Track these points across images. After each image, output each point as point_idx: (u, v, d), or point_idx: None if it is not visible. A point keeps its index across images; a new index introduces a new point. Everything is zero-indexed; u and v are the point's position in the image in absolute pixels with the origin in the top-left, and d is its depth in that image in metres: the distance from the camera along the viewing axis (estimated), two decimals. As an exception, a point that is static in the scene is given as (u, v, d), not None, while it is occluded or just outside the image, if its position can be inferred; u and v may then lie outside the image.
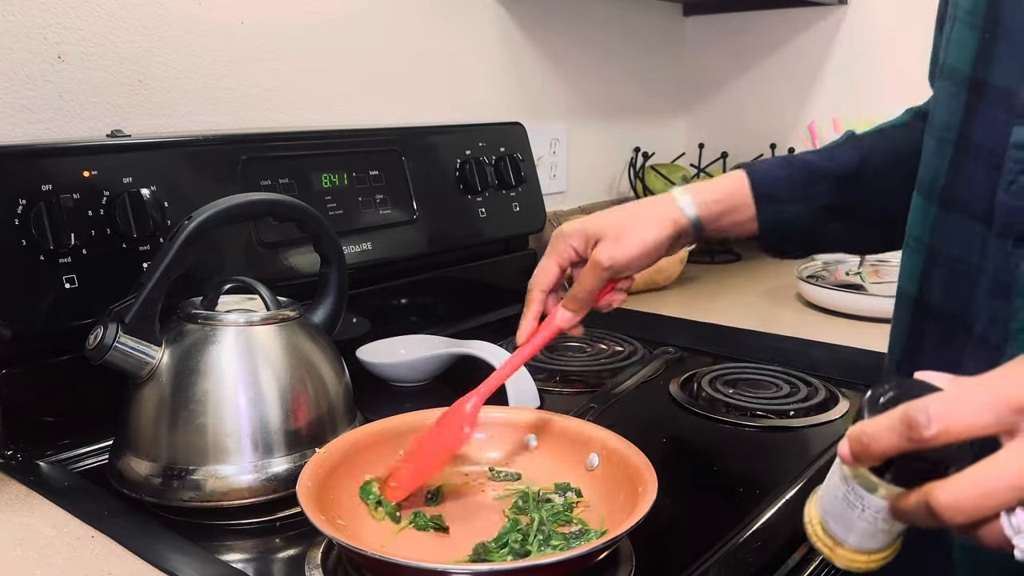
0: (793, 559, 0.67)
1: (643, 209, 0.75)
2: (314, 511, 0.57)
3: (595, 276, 0.72)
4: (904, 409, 0.40)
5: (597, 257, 0.72)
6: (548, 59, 1.48)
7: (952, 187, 0.60)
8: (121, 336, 0.67)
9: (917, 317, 0.64)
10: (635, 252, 0.72)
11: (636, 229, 0.73)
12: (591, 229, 0.74)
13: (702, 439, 0.86)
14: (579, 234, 0.74)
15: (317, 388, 0.73)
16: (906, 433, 0.39)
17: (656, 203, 0.76)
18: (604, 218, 0.75)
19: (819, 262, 1.47)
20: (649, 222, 0.73)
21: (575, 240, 0.75)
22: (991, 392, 0.39)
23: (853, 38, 1.65)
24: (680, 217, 0.74)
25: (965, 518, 0.38)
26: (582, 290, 0.73)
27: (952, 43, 0.61)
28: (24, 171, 0.75)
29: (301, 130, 1.04)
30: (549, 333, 0.74)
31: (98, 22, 0.90)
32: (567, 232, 0.75)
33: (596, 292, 0.73)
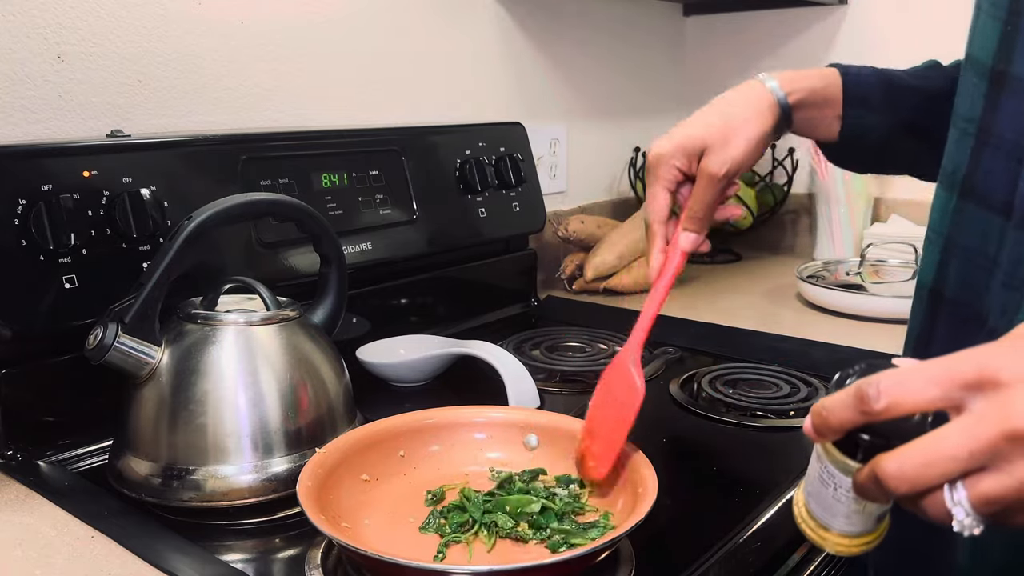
0: (793, 559, 0.67)
1: (737, 103, 0.72)
2: (314, 511, 0.57)
3: (711, 187, 0.69)
4: (858, 384, 0.41)
5: (709, 168, 0.69)
6: (548, 59, 1.48)
7: (972, 178, 0.60)
8: (121, 336, 0.67)
9: (932, 307, 0.64)
10: (746, 151, 0.69)
11: (740, 128, 0.70)
12: (691, 143, 0.70)
13: (702, 439, 0.86)
14: (679, 151, 0.70)
15: (317, 388, 0.73)
16: (858, 406, 0.41)
17: (746, 94, 0.72)
18: (699, 127, 0.71)
19: (819, 262, 1.48)
20: (750, 116, 0.70)
21: (677, 159, 0.70)
22: (941, 369, 0.40)
23: (853, 38, 1.65)
24: (775, 104, 0.72)
25: (909, 487, 0.39)
26: (700, 206, 0.70)
27: (977, 34, 0.61)
28: (24, 171, 0.75)
29: (301, 130, 1.04)
30: (678, 262, 0.71)
31: (98, 22, 0.90)
32: (665, 153, 0.71)
33: (714, 205, 0.70)
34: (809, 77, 0.74)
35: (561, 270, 1.40)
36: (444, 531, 0.63)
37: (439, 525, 0.63)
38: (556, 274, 1.41)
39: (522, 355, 1.03)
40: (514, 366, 0.90)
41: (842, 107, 0.74)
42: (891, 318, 1.20)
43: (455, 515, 0.64)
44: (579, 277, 1.38)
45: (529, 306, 1.31)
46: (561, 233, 1.40)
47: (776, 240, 1.76)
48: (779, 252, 1.73)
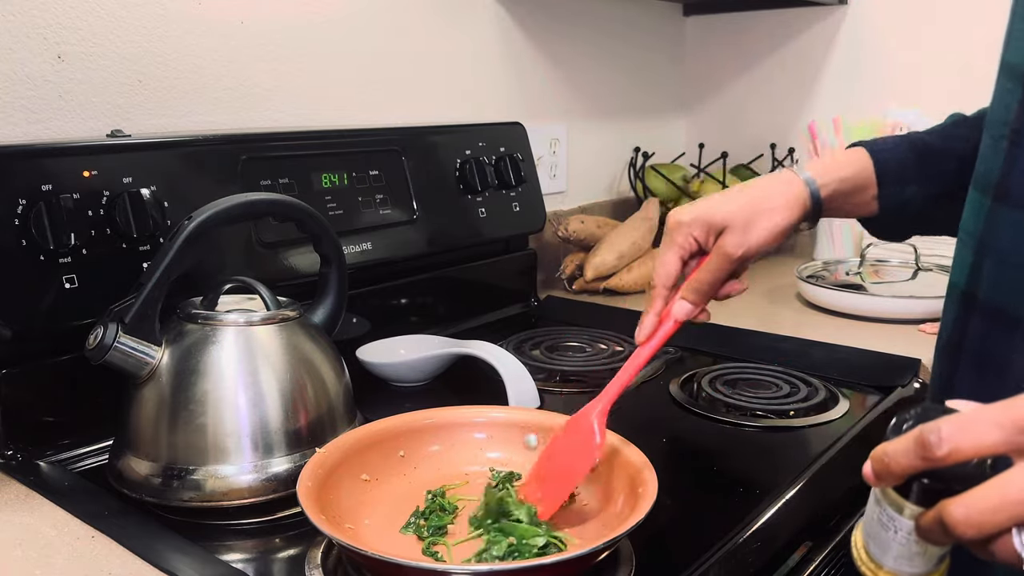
0: (793, 559, 0.67)
1: (769, 191, 0.71)
2: (314, 511, 0.57)
3: (721, 268, 0.69)
4: (919, 430, 0.42)
5: (725, 248, 0.69)
6: (548, 59, 1.48)
7: (1006, 181, 0.59)
8: (121, 336, 0.68)
9: (964, 310, 0.63)
10: (765, 239, 0.69)
11: (765, 215, 0.69)
12: (715, 218, 0.70)
13: (702, 439, 0.86)
14: (701, 223, 0.70)
15: (317, 388, 0.73)
16: (920, 452, 0.41)
17: (780, 184, 0.72)
18: (727, 204, 0.70)
19: (819, 262, 1.48)
20: (777, 206, 0.70)
21: (696, 230, 0.70)
22: (1002, 413, 0.40)
23: (853, 38, 1.65)
24: (807, 198, 0.71)
25: (977, 532, 0.40)
26: (705, 281, 0.69)
27: (1012, 39, 0.60)
28: (24, 171, 0.75)
29: (301, 130, 1.04)
30: (670, 329, 0.70)
31: (98, 22, 0.90)
32: (686, 221, 0.71)
33: (720, 283, 0.70)
34: (840, 167, 0.73)
35: (561, 270, 1.40)
36: (422, 533, 0.63)
37: (418, 527, 0.63)
38: (556, 274, 1.41)
39: (522, 355, 1.03)
40: (514, 366, 0.90)
41: (877, 187, 0.73)
42: (891, 318, 1.20)
43: (435, 517, 0.64)
44: (579, 277, 1.38)
45: (529, 306, 1.31)
46: (561, 233, 1.40)
47: (776, 240, 1.76)
48: (779, 252, 1.72)
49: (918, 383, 0.97)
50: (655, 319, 0.72)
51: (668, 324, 0.71)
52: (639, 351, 0.71)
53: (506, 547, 0.60)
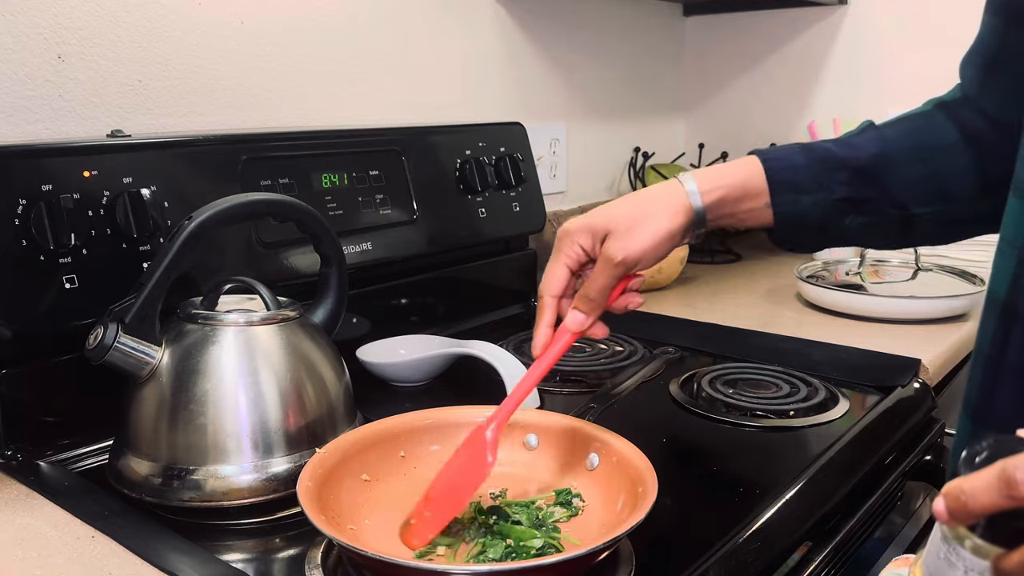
0: (793, 559, 0.67)
1: (651, 198, 0.71)
2: (314, 511, 0.57)
3: (606, 273, 0.69)
4: (1002, 466, 0.39)
5: (607, 252, 0.68)
6: (548, 59, 1.48)
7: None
8: (121, 336, 0.67)
9: (1004, 320, 0.61)
10: (647, 244, 0.69)
11: (646, 220, 0.69)
12: (597, 224, 0.70)
13: (702, 439, 0.86)
14: (585, 231, 0.70)
15: (317, 388, 0.73)
16: (1005, 491, 0.39)
17: (664, 191, 0.72)
18: (610, 211, 0.71)
19: (819, 262, 1.48)
20: (659, 212, 0.70)
21: (581, 238, 0.71)
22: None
23: (853, 38, 1.65)
24: (689, 206, 0.71)
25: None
26: (593, 289, 0.69)
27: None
28: (24, 171, 0.75)
29: (301, 130, 1.04)
30: (565, 340, 0.70)
31: (98, 22, 0.90)
32: (572, 230, 0.71)
33: (609, 290, 0.70)
34: (727, 174, 0.72)
35: (561, 270, 1.40)
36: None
37: None
38: (556, 274, 1.41)
39: (522, 355, 1.03)
40: (514, 366, 0.90)
41: (770, 195, 0.72)
42: (891, 318, 1.20)
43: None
44: (579, 277, 1.38)
45: (529, 306, 1.31)
46: (561, 233, 1.40)
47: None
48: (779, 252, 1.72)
49: (918, 383, 0.97)
50: (548, 331, 0.71)
51: (564, 337, 0.70)
52: (535, 365, 0.69)
53: (503, 549, 0.60)
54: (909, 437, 0.90)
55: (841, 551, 0.73)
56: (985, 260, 1.39)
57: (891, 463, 0.85)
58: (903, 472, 0.86)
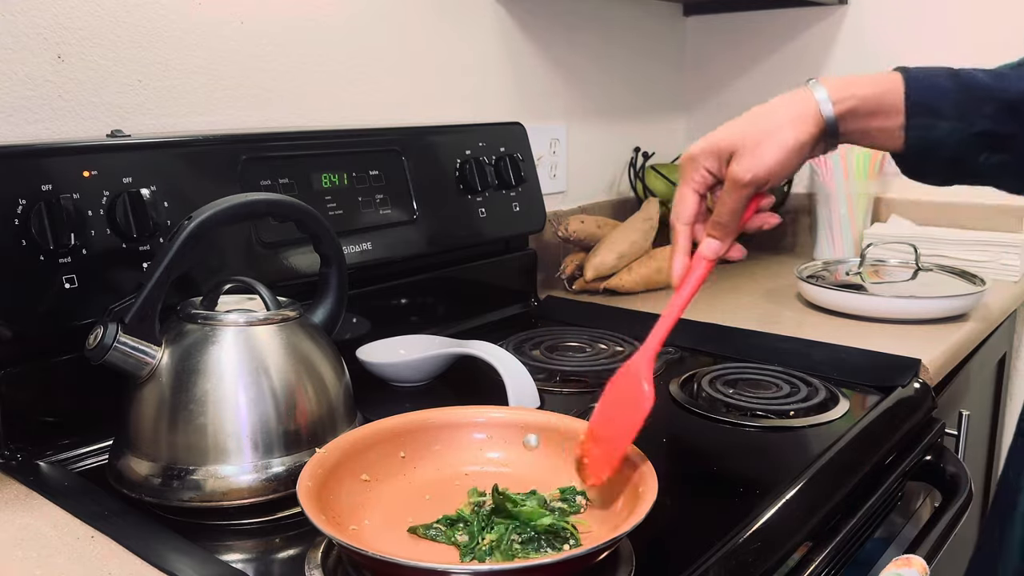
0: (793, 559, 0.67)
1: (777, 108, 0.68)
2: (314, 511, 0.57)
3: (736, 195, 0.66)
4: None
5: (734, 173, 0.66)
6: (548, 59, 1.48)
7: None
8: (121, 336, 0.68)
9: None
10: (775, 160, 0.65)
11: (773, 134, 0.66)
12: (722, 143, 0.67)
13: (702, 439, 0.86)
14: (710, 152, 0.67)
15: (317, 388, 0.73)
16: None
17: (791, 100, 0.68)
18: (734, 128, 0.67)
19: (819, 262, 1.48)
20: (785, 123, 0.66)
21: (707, 160, 0.68)
22: None
23: (853, 38, 1.65)
24: (818, 114, 0.67)
25: None
26: (724, 212, 0.66)
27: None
28: (24, 171, 0.75)
29: (301, 130, 1.04)
30: (703, 268, 0.68)
31: (98, 22, 0.90)
32: (696, 153, 0.68)
33: (740, 212, 0.67)
34: (863, 84, 0.68)
35: (561, 270, 1.40)
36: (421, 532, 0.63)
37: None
38: (556, 274, 1.41)
39: (522, 355, 1.03)
40: (514, 366, 0.90)
41: (905, 116, 0.67)
42: (891, 318, 1.20)
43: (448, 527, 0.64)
44: (579, 277, 1.38)
45: (529, 306, 1.31)
46: (561, 233, 1.40)
47: (776, 240, 1.76)
48: (779, 252, 1.73)
49: (918, 383, 0.97)
50: (684, 258, 0.69)
51: (700, 265, 0.69)
52: (677, 294, 0.69)
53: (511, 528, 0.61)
54: (909, 437, 0.90)
55: (841, 551, 0.73)
56: (985, 260, 1.39)
57: (891, 463, 0.85)
58: (903, 472, 0.86)
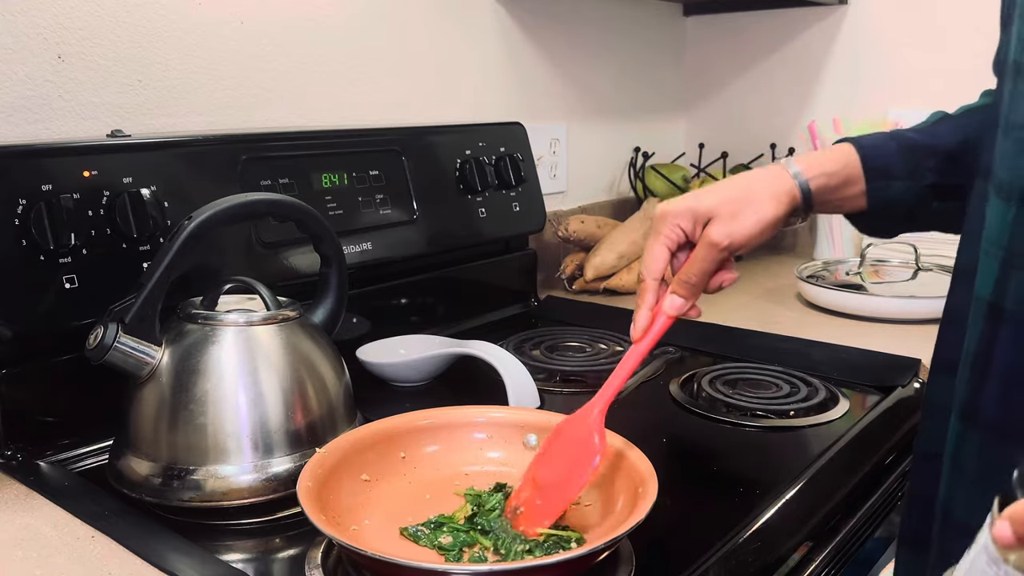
0: (793, 559, 0.67)
1: (756, 183, 0.71)
2: (314, 511, 0.57)
3: (709, 258, 0.69)
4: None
5: (712, 238, 0.68)
6: (548, 59, 1.48)
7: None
8: (121, 336, 0.67)
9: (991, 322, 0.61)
10: (753, 230, 0.69)
11: (752, 206, 0.69)
12: (701, 208, 0.70)
13: (702, 439, 0.86)
14: (687, 214, 0.70)
15: (317, 388, 0.73)
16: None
17: (769, 176, 0.72)
18: (714, 195, 0.70)
19: (819, 262, 1.48)
20: (765, 197, 0.70)
21: (683, 220, 0.70)
22: None
23: (853, 38, 1.65)
24: (795, 191, 0.71)
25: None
26: (694, 272, 0.69)
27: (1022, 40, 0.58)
28: (24, 171, 0.75)
29: (301, 130, 1.04)
30: (662, 325, 0.70)
31: (98, 22, 0.90)
32: (673, 212, 0.70)
33: (710, 274, 0.70)
34: (828, 161, 0.73)
35: (561, 270, 1.40)
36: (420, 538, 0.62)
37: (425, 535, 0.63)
38: (556, 274, 1.41)
39: (522, 355, 1.03)
40: (514, 366, 0.90)
41: (865, 182, 0.73)
42: (891, 318, 1.20)
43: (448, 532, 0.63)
44: (579, 277, 1.38)
45: (529, 306, 1.31)
46: (561, 233, 1.41)
47: (776, 240, 1.76)
48: (779, 252, 1.73)
49: (918, 383, 0.97)
50: (648, 313, 0.71)
51: (661, 320, 0.71)
52: (634, 348, 0.70)
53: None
54: (909, 437, 0.90)
55: (841, 551, 0.73)
56: (985, 260, 1.39)
57: (891, 463, 0.85)
58: (903, 472, 0.86)
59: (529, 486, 0.65)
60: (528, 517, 0.63)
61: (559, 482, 0.63)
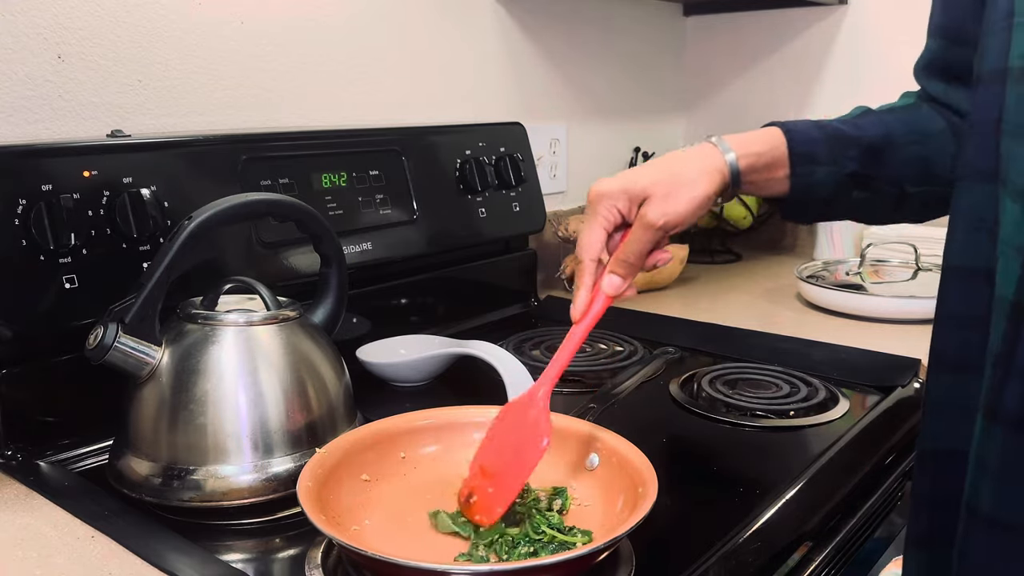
0: (793, 559, 0.67)
1: (687, 162, 0.72)
2: (314, 511, 0.57)
3: (645, 237, 0.69)
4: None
5: (648, 217, 0.69)
6: (548, 59, 1.48)
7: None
8: (121, 336, 0.67)
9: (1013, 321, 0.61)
10: (687, 208, 0.69)
11: (686, 185, 0.70)
12: (634, 188, 0.70)
13: (702, 439, 0.86)
14: (622, 194, 0.70)
15: (317, 388, 0.73)
16: None
17: (700, 155, 0.73)
18: (646, 175, 0.71)
19: (819, 262, 1.48)
20: (698, 175, 0.70)
21: (619, 201, 0.70)
22: None
23: (853, 38, 1.65)
24: (724, 168, 0.72)
25: None
26: (631, 252, 0.70)
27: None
28: (24, 171, 0.75)
29: (301, 130, 1.04)
30: (602, 304, 0.70)
31: (98, 22, 0.90)
32: (607, 192, 0.71)
33: (646, 253, 0.70)
34: (756, 141, 0.74)
35: (561, 270, 1.40)
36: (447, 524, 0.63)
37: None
38: (556, 274, 1.41)
39: (522, 355, 1.03)
40: (514, 366, 0.90)
41: (789, 165, 0.74)
42: (891, 318, 1.20)
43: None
44: (579, 277, 1.38)
45: (529, 306, 1.31)
46: (561, 233, 1.41)
47: (776, 240, 1.76)
48: (779, 252, 1.73)
49: (918, 383, 0.97)
50: (587, 295, 0.71)
51: (600, 300, 0.71)
52: (574, 329, 0.70)
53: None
54: (909, 437, 0.90)
55: (841, 551, 0.73)
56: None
57: (891, 463, 0.85)
58: (903, 472, 0.86)
59: (478, 474, 0.65)
60: (481, 506, 0.63)
61: (508, 468, 0.63)
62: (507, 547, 0.60)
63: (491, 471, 0.64)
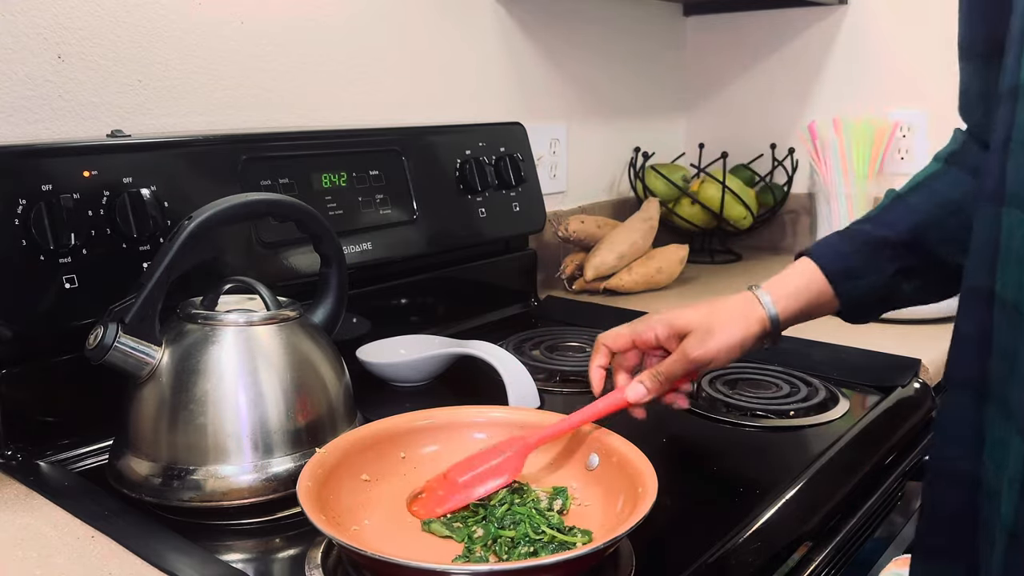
0: (793, 559, 0.67)
1: (728, 308, 0.77)
2: (314, 511, 0.57)
3: (682, 365, 0.75)
4: None
5: (686, 348, 0.74)
6: (548, 59, 1.48)
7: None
8: (121, 336, 0.67)
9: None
10: (722, 350, 0.74)
11: (724, 327, 0.75)
12: (677, 322, 0.76)
13: (702, 439, 0.86)
14: (664, 324, 0.77)
15: (317, 388, 0.73)
16: None
17: (740, 302, 0.78)
18: (690, 313, 0.77)
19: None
20: (736, 320, 0.76)
21: (660, 328, 0.77)
22: None
23: (853, 38, 1.65)
24: (764, 317, 0.76)
25: None
26: (666, 373, 0.75)
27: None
28: (24, 171, 0.75)
29: (301, 130, 1.04)
30: (619, 404, 0.75)
31: (98, 22, 0.90)
32: (656, 319, 0.77)
33: (676, 379, 0.76)
34: (791, 280, 0.78)
35: (561, 270, 1.40)
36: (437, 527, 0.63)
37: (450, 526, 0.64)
38: (556, 274, 1.41)
39: (522, 355, 1.03)
40: (514, 366, 0.90)
41: (832, 288, 0.77)
42: (891, 318, 1.20)
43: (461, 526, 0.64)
44: (579, 277, 1.39)
45: (529, 306, 1.31)
46: (561, 233, 1.41)
47: (776, 240, 1.76)
48: (779, 252, 1.73)
49: (918, 383, 0.97)
50: (600, 372, 0.79)
51: (617, 399, 0.75)
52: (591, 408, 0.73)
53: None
54: (909, 437, 0.90)
55: (841, 551, 0.73)
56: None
57: (891, 463, 0.85)
58: (903, 472, 0.86)
59: (441, 478, 0.68)
60: (424, 502, 0.66)
61: (466, 484, 0.67)
62: (507, 547, 0.60)
63: (451, 480, 0.68)
